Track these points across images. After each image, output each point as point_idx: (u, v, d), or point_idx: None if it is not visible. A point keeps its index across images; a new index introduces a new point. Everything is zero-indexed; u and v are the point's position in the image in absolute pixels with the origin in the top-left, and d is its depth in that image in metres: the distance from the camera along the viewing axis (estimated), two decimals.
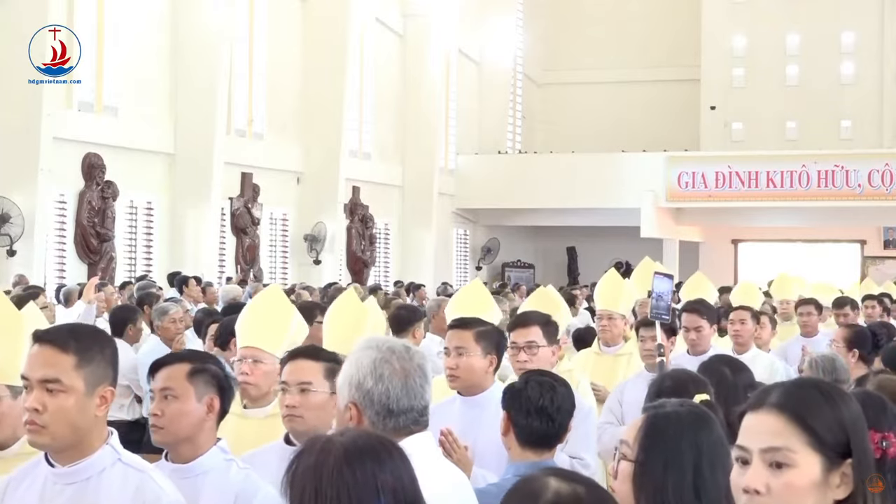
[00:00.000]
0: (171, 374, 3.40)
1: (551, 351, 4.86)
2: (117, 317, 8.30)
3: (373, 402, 2.81)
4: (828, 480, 1.97)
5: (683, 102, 29.14)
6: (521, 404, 3.54)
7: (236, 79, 18.46)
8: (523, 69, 30.18)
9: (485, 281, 22.54)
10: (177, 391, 3.34)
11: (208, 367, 3.44)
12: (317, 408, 3.64)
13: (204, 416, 3.35)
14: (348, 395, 2.84)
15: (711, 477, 2.40)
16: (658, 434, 2.46)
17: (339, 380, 2.92)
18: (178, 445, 3.33)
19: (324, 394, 3.64)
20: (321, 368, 3.69)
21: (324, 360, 3.74)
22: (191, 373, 3.38)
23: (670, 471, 2.41)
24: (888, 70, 28.08)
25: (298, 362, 3.73)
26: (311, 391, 3.65)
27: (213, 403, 3.36)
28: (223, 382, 3.44)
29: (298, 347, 4.00)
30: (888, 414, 2.94)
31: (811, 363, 5.50)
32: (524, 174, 25.72)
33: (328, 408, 3.60)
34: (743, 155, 25.30)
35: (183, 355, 3.61)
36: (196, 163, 16.74)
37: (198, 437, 3.33)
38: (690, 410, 2.55)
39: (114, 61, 15.89)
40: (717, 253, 28.01)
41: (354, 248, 21.83)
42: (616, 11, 29.85)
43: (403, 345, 2.94)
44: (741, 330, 6.83)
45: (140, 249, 16.55)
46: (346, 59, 20.30)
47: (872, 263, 27.59)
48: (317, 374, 3.68)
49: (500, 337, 4.48)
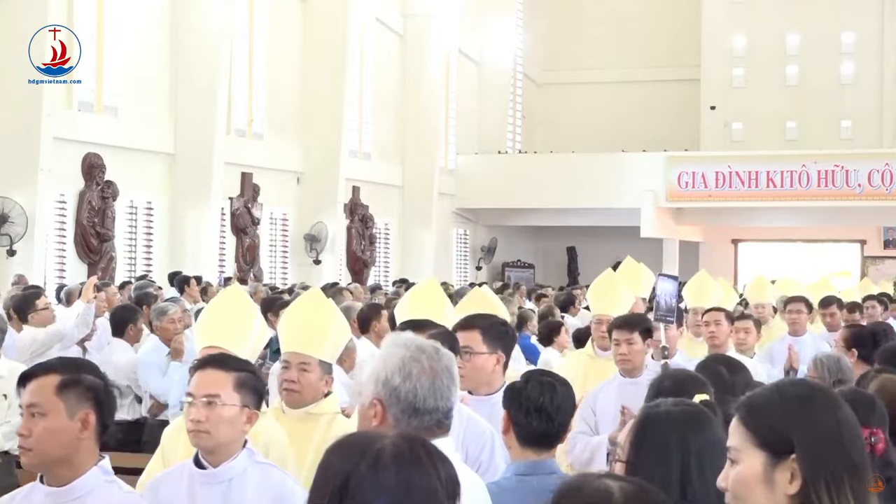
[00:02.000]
0: (38, 388, 3.02)
1: (495, 359, 4.46)
2: (118, 317, 8.31)
3: (399, 399, 2.76)
4: (774, 476, 2.10)
5: (683, 102, 29.14)
6: (521, 403, 3.54)
7: (236, 78, 18.46)
8: (523, 69, 30.18)
9: (484, 281, 22.58)
10: (44, 407, 2.99)
11: (82, 378, 3.06)
12: (225, 422, 3.39)
13: (78, 434, 3.00)
14: (373, 392, 2.78)
15: (700, 477, 2.40)
16: (647, 433, 2.47)
17: (363, 376, 2.87)
18: (51, 468, 3.02)
19: (233, 407, 3.40)
20: (231, 379, 3.44)
21: (234, 370, 3.47)
22: (60, 386, 3.01)
23: (657, 470, 2.41)
24: (888, 70, 28.08)
25: (206, 372, 3.48)
26: (219, 404, 3.39)
27: (89, 419, 3.02)
28: (101, 395, 3.07)
29: (207, 356, 3.69)
30: (877, 412, 2.98)
31: (816, 362, 5.50)
32: (524, 174, 25.72)
33: (238, 422, 3.41)
34: (743, 155, 25.30)
35: (53, 365, 3.15)
36: (196, 163, 16.74)
37: (73, 458, 3.01)
38: (684, 410, 2.55)
39: (114, 61, 15.89)
40: (718, 253, 28.01)
41: (354, 248, 21.84)
42: (616, 11, 29.85)
43: (433, 345, 2.90)
44: (717, 332, 6.67)
45: (140, 249, 16.55)
46: (346, 59, 20.30)
47: (872, 263, 27.61)
48: (225, 386, 3.42)
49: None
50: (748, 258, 28.90)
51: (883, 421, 2.93)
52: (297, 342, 4.28)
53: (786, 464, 2.09)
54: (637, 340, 5.48)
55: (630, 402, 4.97)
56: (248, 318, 4.37)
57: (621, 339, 5.50)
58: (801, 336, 8.30)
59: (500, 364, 4.44)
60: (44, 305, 8.25)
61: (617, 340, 5.53)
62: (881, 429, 2.73)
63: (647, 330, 5.62)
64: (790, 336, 8.31)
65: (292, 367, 4.23)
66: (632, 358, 5.46)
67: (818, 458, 2.08)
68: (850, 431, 2.12)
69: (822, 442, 2.08)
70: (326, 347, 4.31)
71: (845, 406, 2.16)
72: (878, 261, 27.76)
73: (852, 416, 2.15)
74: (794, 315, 8.52)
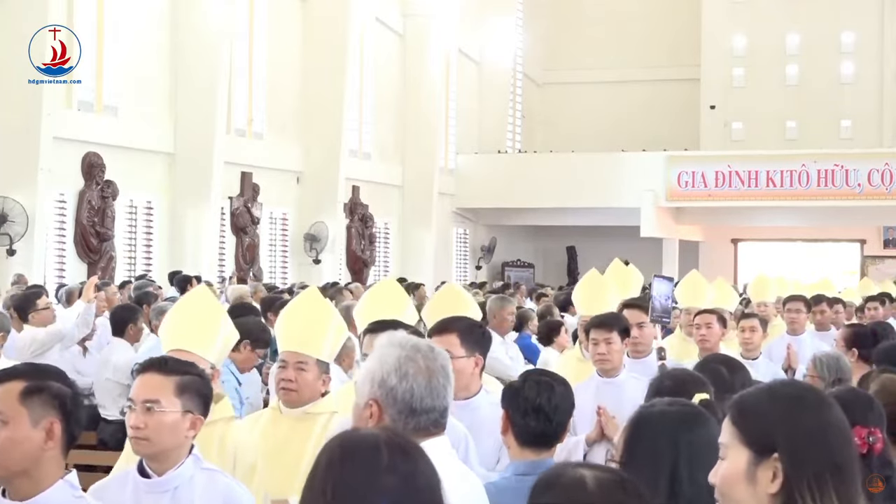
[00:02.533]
0: (2, 394, 2.85)
1: (473, 362, 4.37)
2: (118, 316, 8.31)
3: (395, 400, 2.74)
4: (756, 474, 2.13)
5: (683, 102, 29.15)
6: (519, 404, 3.54)
7: (236, 78, 18.46)
8: (523, 69, 30.18)
9: (484, 281, 22.59)
10: (6, 415, 2.82)
11: (48, 385, 2.87)
12: (166, 428, 3.27)
13: (42, 444, 2.82)
14: (369, 393, 2.76)
15: (690, 477, 2.40)
16: (640, 433, 2.48)
17: (358, 376, 2.85)
18: (12, 480, 2.83)
19: (174, 413, 3.28)
20: (171, 384, 3.31)
21: (175, 374, 3.34)
22: (24, 393, 2.83)
23: (647, 469, 2.42)
24: (888, 70, 28.09)
25: (146, 377, 3.35)
26: (158, 410, 3.27)
27: (54, 429, 2.83)
28: (68, 403, 2.88)
29: (148, 359, 3.50)
30: (875, 411, 2.98)
31: (815, 362, 5.50)
32: (524, 174, 25.73)
33: (180, 428, 3.30)
34: (743, 154, 25.31)
35: (18, 371, 2.98)
36: (196, 162, 16.74)
37: (36, 471, 2.83)
38: (679, 410, 2.55)
39: (114, 61, 15.89)
40: (717, 252, 28.02)
41: (354, 247, 21.84)
42: (616, 11, 29.87)
43: (428, 344, 2.89)
44: (707, 334, 6.48)
45: (140, 249, 16.54)
46: (346, 59, 20.30)
47: (872, 263, 27.61)
48: (165, 391, 3.30)
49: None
50: (748, 258, 28.90)
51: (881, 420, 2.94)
52: (294, 341, 4.27)
53: (768, 462, 2.11)
54: (615, 340, 5.34)
55: (607, 402, 4.96)
56: (214, 320, 4.20)
57: (599, 338, 5.36)
58: (799, 335, 8.26)
59: (478, 367, 4.39)
60: (44, 305, 8.26)
61: (595, 340, 5.39)
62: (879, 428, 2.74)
63: (626, 329, 5.48)
64: (789, 335, 8.26)
65: (289, 366, 4.21)
66: (610, 357, 5.34)
67: (801, 458, 2.09)
68: (837, 433, 2.12)
69: (805, 442, 2.10)
70: (324, 347, 4.29)
71: (835, 408, 2.16)
72: (878, 260, 27.76)
73: (842, 418, 2.16)
74: (793, 314, 8.45)
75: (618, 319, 5.60)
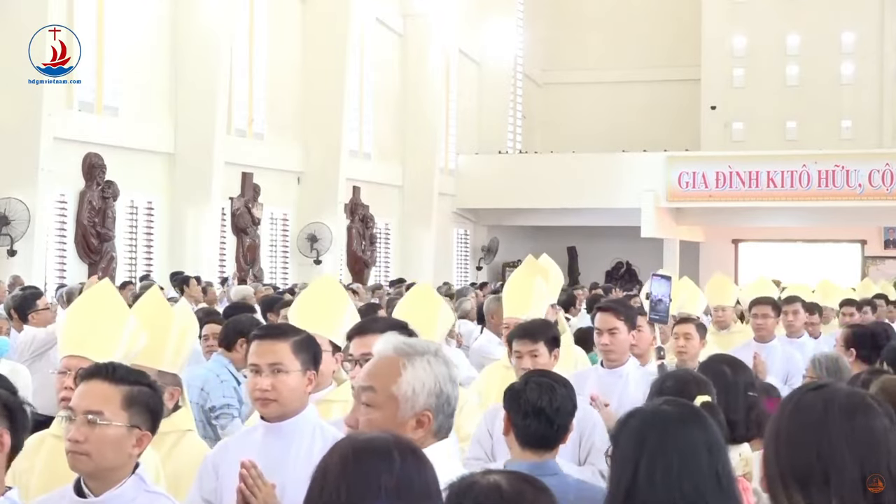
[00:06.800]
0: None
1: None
2: None
3: (443, 406, 2.69)
4: None
5: (683, 102, 29.15)
6: (520, 405, 3.53)
7: (236, 79, 18.45)
8: (523, 69, 30.17)
9: (485, 281, 22.58)
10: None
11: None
12: (109, 444, 2.92)
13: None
14: (424, 404, 2.66)
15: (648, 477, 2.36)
16: (620, 427, 2.49)
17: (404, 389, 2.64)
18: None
19: (119, 427, 2.94)
20: (119, 394, 2.96)
21: (124, 384, 2.98)
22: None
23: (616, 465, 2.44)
24: (888, 70, 28.09)
25: (91, 384, 2.98)
26: (101, 423, 2.92)
27: (3, 440, 2.67)
28: (15, 411, 2.72)
29: (92, 366, 3.14)
30: None
31: (815, 362, 5.49)
32: (524, 174, 25.73)
33: (125, 445, 2.94)
34: (743, 155, 25.31)
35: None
36: (196, 163, 16.73)
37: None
38: (669, 410, 2.54)
39: (114, 61, 15.88)
40: (718, 253, 28.01)
41: (355, 247, 21.83)
42: (616, 12, 29.88)
43: (436, 346, 2.84)
44: (686, 346, 6.12)
45: (140, 249, 16.53)
46: (346, 59, 20.29)
47: (873, 263, 27.60)
48: (112, 402, 2.95)
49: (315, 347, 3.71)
50: (748, 258, 28.90)
51: None
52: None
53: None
54: (542, 352, 4.74)
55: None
56: (117, 321, 3.82)
57: (524, 351, 4.74)
58: (768, 342, 7.35)
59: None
60: (44, 305, 8.26)
61: (518, 353, 4.77)
62: None
63: (554, 339, 4.86)
64: (755, 342, 7.35)
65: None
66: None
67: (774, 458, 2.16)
68: (817, 437, 2.12)
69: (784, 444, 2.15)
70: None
71: (820, 412, 2.15)
72: (878, 261, 27.76)
73: (829, 421, 2.14)
74: (760, 320, 7.48)
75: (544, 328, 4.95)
